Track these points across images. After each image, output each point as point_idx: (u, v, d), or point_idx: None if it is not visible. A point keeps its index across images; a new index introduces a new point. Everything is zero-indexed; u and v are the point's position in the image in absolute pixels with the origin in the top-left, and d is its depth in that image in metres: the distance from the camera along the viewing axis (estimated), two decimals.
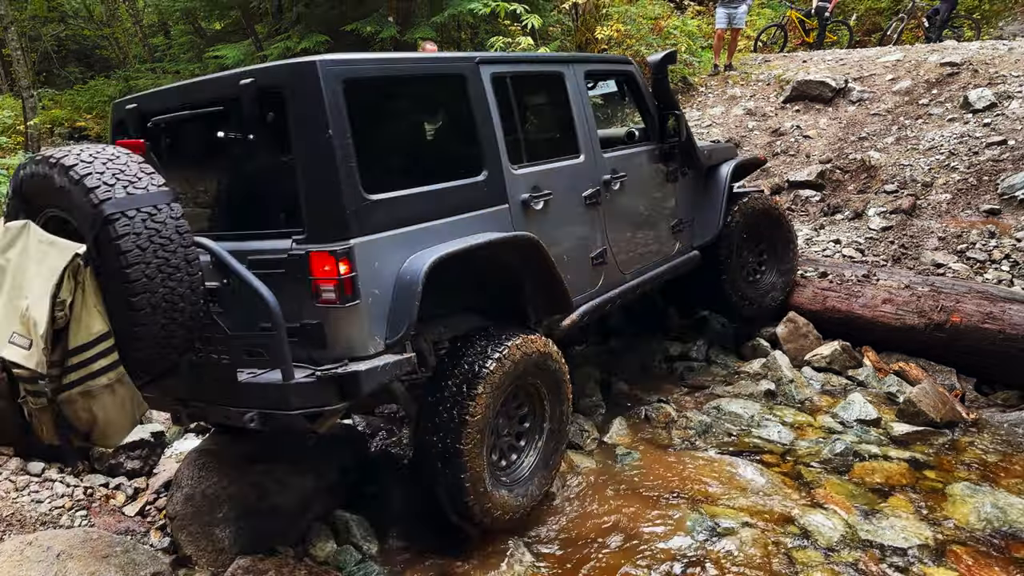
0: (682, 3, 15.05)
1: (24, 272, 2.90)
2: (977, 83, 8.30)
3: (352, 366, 3.15)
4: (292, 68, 3.23)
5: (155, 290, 2.86)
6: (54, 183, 2.89)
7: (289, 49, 11.55)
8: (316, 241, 3.15)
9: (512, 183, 3.99)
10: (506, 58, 4.30)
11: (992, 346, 5.10)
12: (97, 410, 2.91)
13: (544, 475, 4.02)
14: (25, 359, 2.80)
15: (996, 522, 3.94)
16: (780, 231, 6.00)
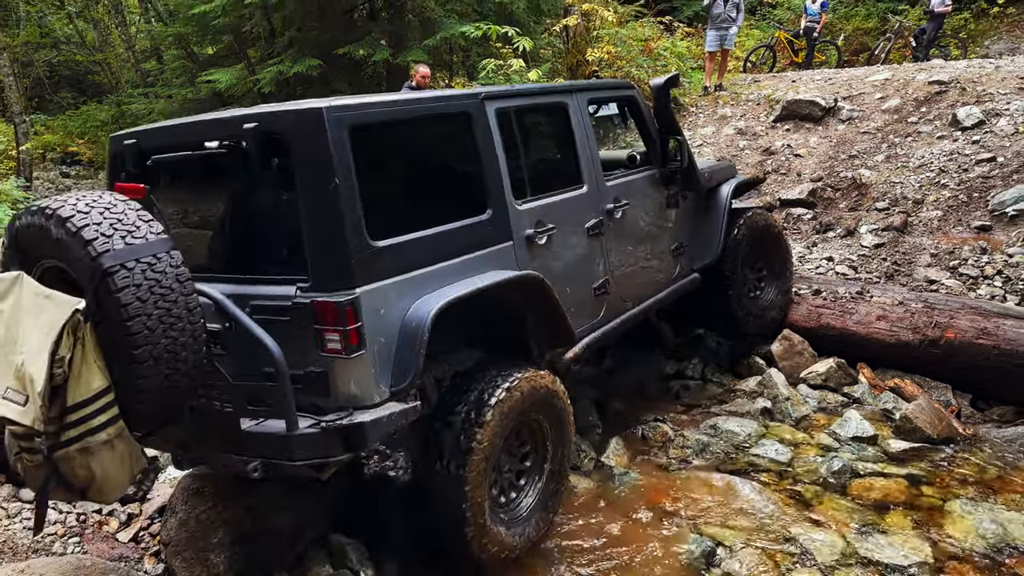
0: (671, 25, 15.21)
1: (18, 325, 2.81)
2: (965, 101, 8.39)
3: (357, 416, 3.07)
4: (298, 115, 3.17)
5: (157, 341, 2.78)
6: (51, 235, 2.80)
7: (282, 73, 11.61)
8: (321, 290, 3.09)
9: (516, 219, 3.92)
10: (510, 92, 4.18)
11: (987, 362, 5.11)
12: (95, 466, 2.82)
13: (542, 517, 3.94)
14: (21, 416, 2.72)
15: (995, 538, 3.94)
16: (779, 248, 6.02)
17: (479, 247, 3.70)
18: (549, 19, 12.97)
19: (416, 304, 3.31)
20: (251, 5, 11.56)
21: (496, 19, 11.62)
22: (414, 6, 12.27)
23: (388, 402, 3.20)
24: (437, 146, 3.87)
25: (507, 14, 12.13)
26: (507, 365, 3.72)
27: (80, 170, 19.87)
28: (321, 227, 3.11)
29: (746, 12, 18.83)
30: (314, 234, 3.12)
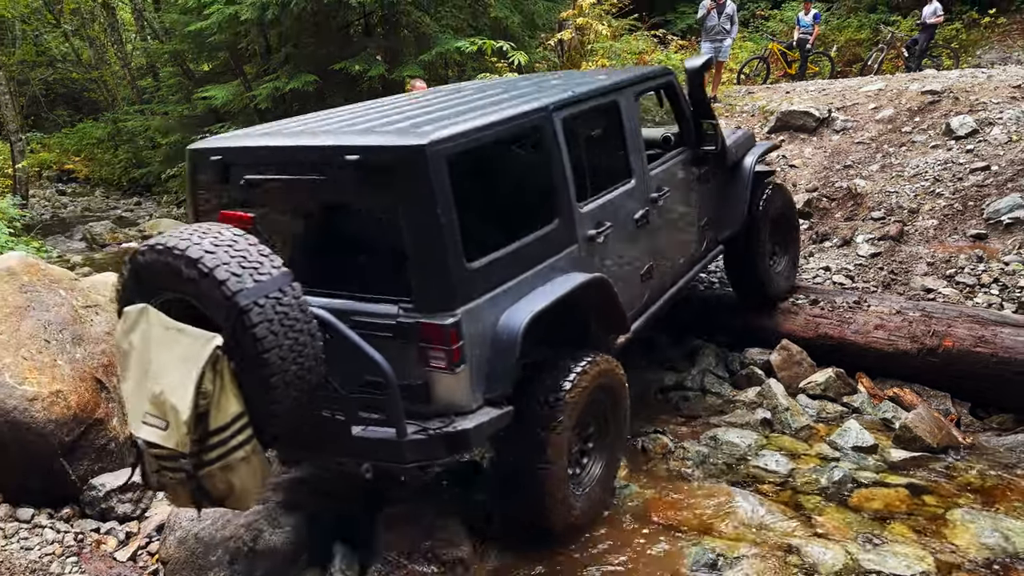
0: (665, 38, 15.30)
1: (150, 356, 3.06)
2: (958, 110, 8.43)
3: (459, 424, 3.37)
4: (401, 151, 3.32)
5: (287, 368, 3.04)
6: (181, 274, 2.99)
7: (278, 89, 11.65)
8: (424, 311, 3.33)
9: (580, 222, 4.09)
10: (572, 99, 4.23)
11: (985, 370, 5.11)
12: (235, 480, 3.11)
13: (602, 491, 4.23)
14: (164, 439, 3.01)
15: (997, 547, 3.93)
16: (792, 220, 6.37)
17: (551, 254, 3.90)
18: (544, 33, 13.05)
19: (505, 316, 3.56)
20: (247, 22, 11.61)
21: (491, 34, 11.69)
22: (409, 21, 12.33)
23: (483, 408, 3.49)
24: (514, 162, 4.03)
25: (502, 29, 12.20)
26: (577, 354, 3.95)
27: (76, 187, 19.91)
28: (424, 253, 3.33)
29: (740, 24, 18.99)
30: (417, 259, 3.33)
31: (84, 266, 10.88)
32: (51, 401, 4.28)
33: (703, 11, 12.12)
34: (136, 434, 3.12)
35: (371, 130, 3.59)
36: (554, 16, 12.82)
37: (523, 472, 3.74)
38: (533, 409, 3.71)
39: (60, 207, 17.13)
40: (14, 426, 4.16)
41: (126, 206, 16.98)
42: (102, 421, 4.54)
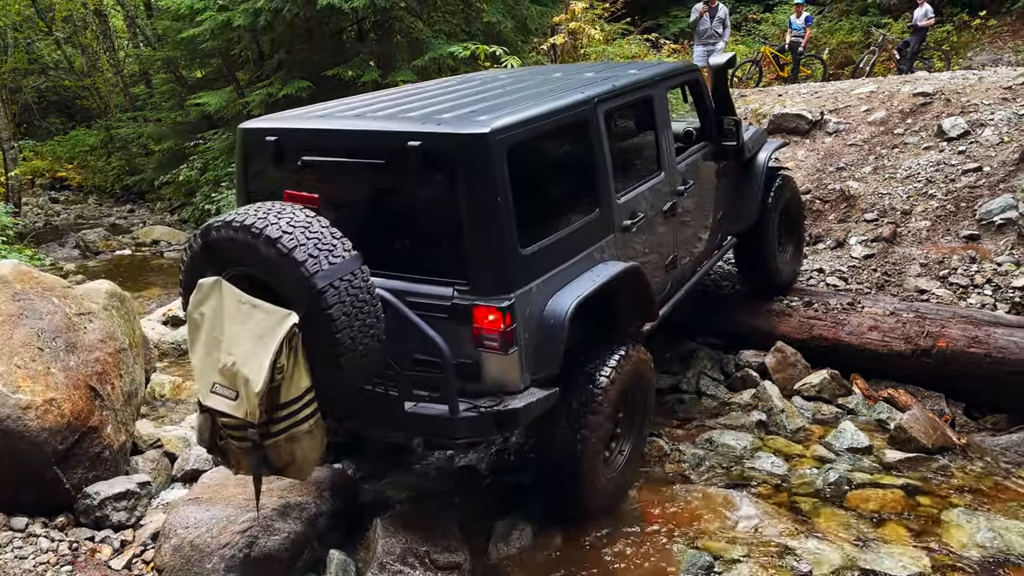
0: (658, 41, 15.34)
1: (221, 328, 3.20)
2: (950, 112, 8.46)
3: (509, 403, 3.51)
4: (463, 139, 3.42)
5: (356, 348, 3.21)
6: (258, 252, 3.14)
7: (271, 95, 11.64)
8: (480, 294, 3.46)
9: (617, 213, 4.24)
10: (613, 92, 4.35)
11: (979, 370, 5.13)
12: (297, 451, 3.29)
13: (629, 474, 4.38)
14: (232, 409, 3.18)
15: (992, 547, 3.94)
16: (799, 213, 6.59)
17: (591, 243, 4.04)
18: (536, 38, 13.07)
19: (551, 302, 3.70)
20: (239, 29, 11.61)
21: (484, 39, 11.70)
22: (402, 27, 12.34)
23: (530, 388, 3.62)
24: (562, 153, 4.15)
25: (495, 34, 12.21)
26: (615, 344, 4.11)
27: (69, 195, 19.84)
28: (483, 239, 3.46)
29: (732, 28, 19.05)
30: (475, 244, 3.46)
31: (77, 274, 10.85)
32: (44, 409, 4.26)
33: (695, 15, 12.18)
34: (204, 402, 3.29)
35: (429, 117, 3.68)
36: (547, 21, 12.85)
37: (563, 453, 3.87)
38: (576, 392, 3.85)
39: (53, 215, 17.07)
40: (7, 435, 4.14)
41: (119, 213, 16.93)
42: (96, 429, 4.52)
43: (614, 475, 4.23)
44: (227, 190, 11.85)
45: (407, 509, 4.43)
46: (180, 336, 7.52)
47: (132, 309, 5.71)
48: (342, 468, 4.81)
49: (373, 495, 4.66)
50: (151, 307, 9.08)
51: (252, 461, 3.32)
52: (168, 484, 4.95)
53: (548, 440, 3.94)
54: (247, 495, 4.15)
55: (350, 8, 10.78)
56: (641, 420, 4.46)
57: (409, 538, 3.96)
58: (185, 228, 14.20)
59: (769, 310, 6.17)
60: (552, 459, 3.96)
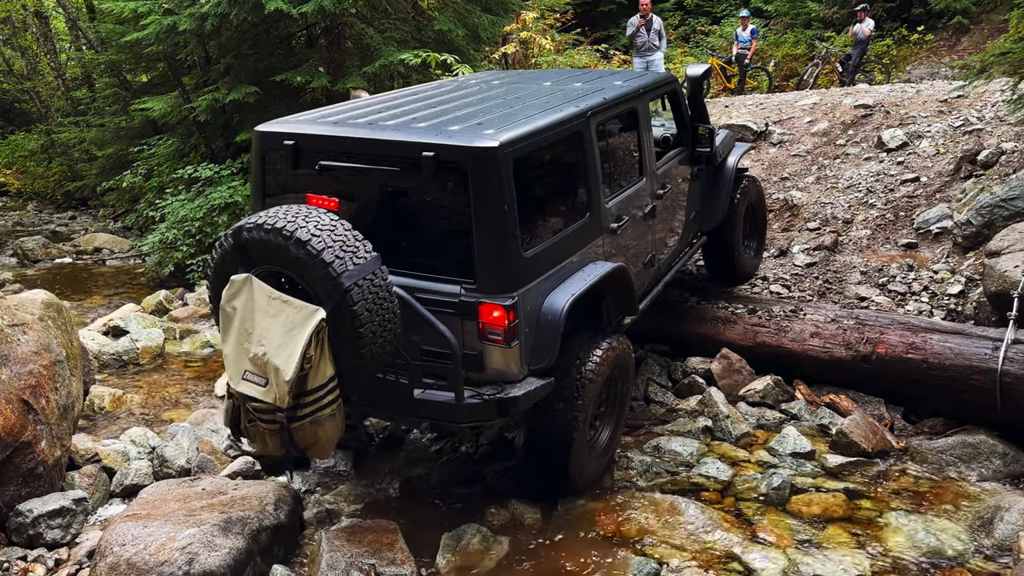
0: (608, 52, 15.50)
1: (252, 321, 3.53)
2: (889, 124, 8.70)
3: (510, 391, 3.83)
4: (474, 151, 3.72)
5: (375, 341, 3.54)
6: (289, 253, 3.44)
7: (218, 100, 11.43)
8: (486, 292, 3.77)
9: (605, 217, 4.55)
10: (605, 104, 4.65)
11: (917, 375, 5.25)
12: (320, 432, 3.64)
13: (610, 450, 4.74)
14: (263, 395, 3.52)
15: (929, 548, 4.04)
16: (762, 212, 7.04)
17: (582, 245, 4.37)
18: (488, 47, 13.09)
19: (548, 299, 4.03)
20: (185, 33, 11.38)
21: (436, 46, 11.66)
22: (352, 33, 12.24)
23: (528, 377, 3.94)
24: (559, 162, 4.48)
25: (447, 41, 12.19)
26: (599, 335, 4.43)
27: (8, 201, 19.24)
28: (490, 242, 3.76)
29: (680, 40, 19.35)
30: (482, 247, 3.76)
31: (15, 282, 10.50)
32: None
33: (632, 28, 12.44)
34: (235, 388, 3.64)
35: (440, 128, 3.96)
36: (498, 30, 12.87)
37: (555, 432, 4.19)
38: (567, 378, 4.16)
39: None
40: None
41: (60, 220, 16.44)
42: (29, 444, 4.37)
43: (597, 454, 4.58)
44: (171, 196, 11.60)
45: (353, 522, 4.37)
46: (121, 347, 7.33)
47: (70, 320, 5.54)
48: (286, 481, 4.73)
49: (318, 508, 4.59)
50: (91, 317, 8.83)
51: (279, 441, 3.65)
52: (106, 500, 4.81)
53: (541, 421, 4.23)
54: (187, 510, 4.07)
55: (299, 14, 10.65)
56: (621, 405, 4.78)
57: (354, 552, 3.92)
58: (129, 236, 13.85)
59: (715, 317, 6.26)
60: (544, 438, 4.26)
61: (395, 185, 4.01)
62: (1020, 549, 3.77)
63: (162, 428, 5.78)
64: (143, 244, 11.70)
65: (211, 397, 6.56)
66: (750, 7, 17.72)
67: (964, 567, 3.91)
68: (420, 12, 12.81)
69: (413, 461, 5.13)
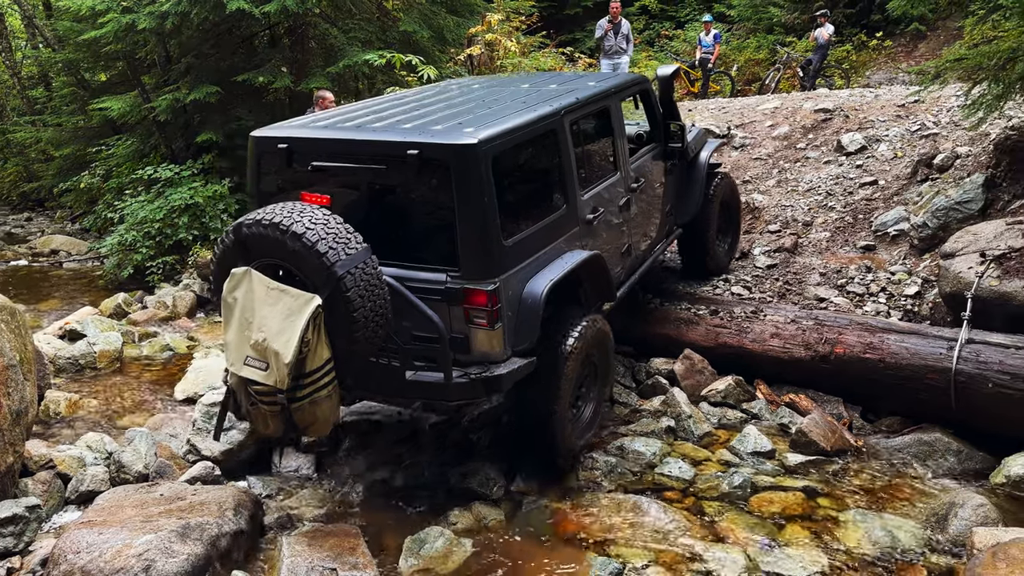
0: (573, 55, 15.56)
1: (253, 310, 3.78)
2: (848, 128, 8.85)
3: (495, 370, 4.11)
4: (455, 148, 3.98)
5: (368, 325, 3.79)
6: (286, 246, 3.72)
7: (178, 100, 11.27)
8: (470, 279, 4.04)
9: (581, 208, 4.83)
10: (577, 104, 4.92)
11: (874, 375, 5.34)
12: (319, 412, 3.88)
13: (593, 426, 5.02)
14: (263, 378, 3.77)
15: (885, 545, 4.11)
16: (736, 205, 7.29)
17: (560, 234, 4.64)
18: (453, 48, 13.07)
19: (528, 285, 4.30)
20: (145, 31, 11.20)
21: (400, 47, 11.62)
22: (316, 34, 12.14)
23: (512, 358, 4.22)
24: (536, 158, 4.76)
25: (412, 43, 12.15)
26: (577, 315, 4.67)
27: None
28: (473, 232, 4.02)
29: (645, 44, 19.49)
30: (466, 237, 4.03)
31: None
32: None
33: (600, 31, 12.56)
34: (237, 373, 3.88)
35: (423, 128, 4.23)
36: (464, 31, 12.86)
37: (540, 405, 4.45)
38: (546, 359, 4.41)
39: None
40: None
41: (16, 222, 16.07)
42: None
43: (581, 427, 4.87)
44: (131, 198, 11.40)
45: (314, 526, 4.34)
46: (78, 351, 7.19)
47: (24, 323, 5.41)
48: (246, 486, 4.67)
49: (279, 513, 4.54)
50: (48, 321, 8.65)
51: (280, 422, 3.90)
52: (61, 507, 4.71)
53: (527, 397, 4.49)
54: (145, 516, 4.01)
55: (261, 13, 10.54)
56: (603, 381, 5.07)
57: (315, 556, 3.88)
58: (86, 237, 13.58)
59: (678, 318, 6.32)
60: (530, 413, 4.53)
61: (383, 182, 4.30)
62: (973, 544, 3.85)
63: (119, 433, 5.68)
64: (101, 246, 11.49)
65: (171, 401, 6.46)
66: (713, 12, 17.91)
67: (919, 563, 3.98)
68: (385, 13, 12.75)
69: (376, 465, 5.09)
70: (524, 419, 4.64)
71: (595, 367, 4.93)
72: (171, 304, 9.39)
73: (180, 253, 10.89)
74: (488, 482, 4.77)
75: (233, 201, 11.44)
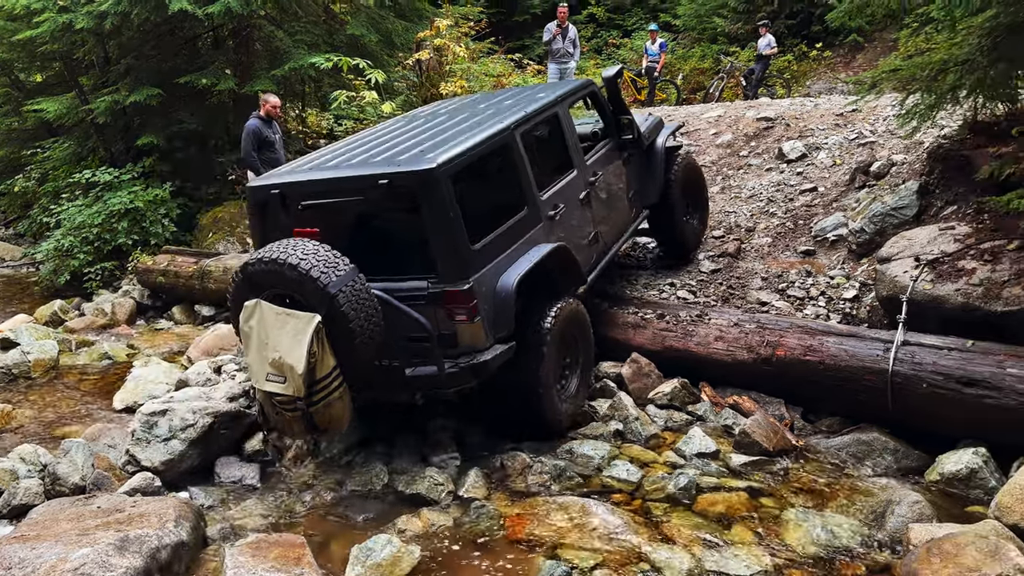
0: (522, 62, 15.64)
1: (268, 333, 4.40)
2: (790, 136, 9.07)
3: (480, 357, 4.66)
4: (418, 174, 4.56)
5: (364, 333, 4.39)
6: (286, 276, 4.34)
7: (117, 103, 11.02)
8: (447, 282, 4.60)
9: (542, 207, 5.38)
10: (526, 117, 5.48)
11: (814, 376, 5.46)
12: (334, 412, 4.50)
13: (579, 398, 5.52)
14: (283, 389, 4.39)
15: (826, 543, 4.19)
16: (700, 184, 7.70)
17: (525, 232, 5.17)
18: (402, 52, 13.03)
19: (501, 280, 4.84)
20: (83, 31, 10.92)
21: (348, 51, 11.54)
22: (261, 36, 11.99)
23: (494, 345, 4.76)
24: (492, 169, 5.33)
25: (359, 46, 12.08)
26: (552, 299, 5.20)
27: None
28: (443, 242, 4.61)
29: (593, 52, 19.69)
30: (438, 247, 4.62)
31: None
32: None
33: (548, 35, 12.72)
34: (261, 388, 4.50)
35: (391, 159, 4.80)
36: (412, 36, 12.83)
37: (526, 382, 4.96)
38: (528, 341, 4.95)
39: None
40: None
41: None
42: None
43: (568, 398, 5.37)
44: (68, 202, 11.08)
45: (258, 537, 4.25)
46: (11, 360, 6.97)
47: None
48: (188, 496, 4.57)
49: (222, 524, 4.45)
50: None
51: (303, 425, 4.53)
52: None
53: (514, 377, 4.94)
54: (81, 530, 3.89)
55: (205, 15, 10.37)
56: (585, 357, 5.57)
57: (259, 567, 3.81)
58: (21, 243, 13.17)
59: (626, 322, 6.38)
60: (518, 390, 5.01)
61: (363, 210, 4.96)
62: (909, 540, 3.96)
63: (55, 445, 5.49)
64: (37, 252, 11.17)
65: (109, 411, 6.28)
66: (659, 22, 18.21)
67: (859, 560, 4.08)
68: (332, 16, 12.66)
69: (324, 472, 5.04)
70: (515, 397, 5.08)
71: (576, 343, 5.43)
72: (110, 311, 9.16)
73: (120, 259, 10.64)
74: (436, 487, 4.75)
75: (175, 205, 11.22)
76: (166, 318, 9.50)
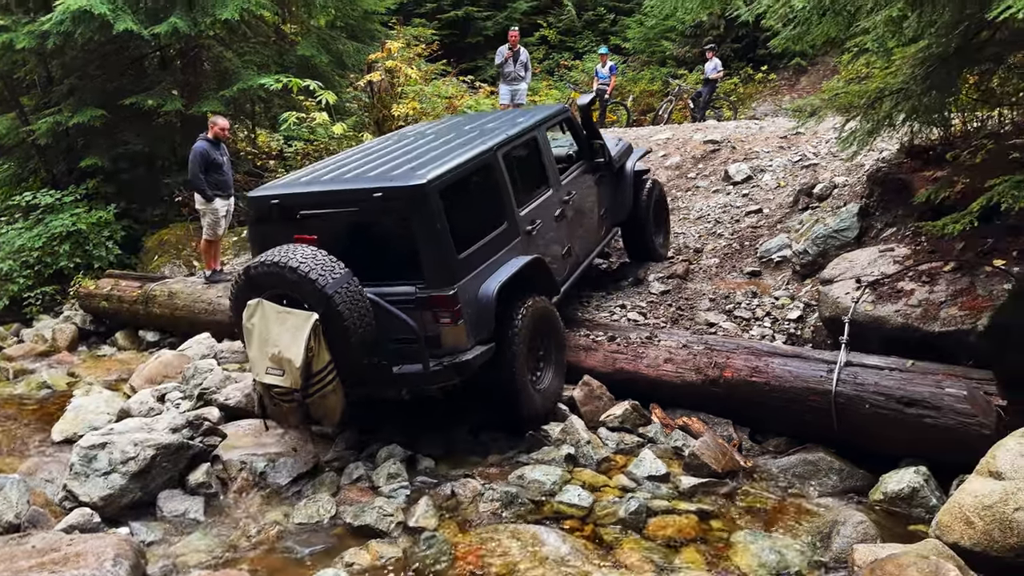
0: (474, 84, 15.71)
1: (268, 330, 4.79)
2: (735, 158, 9.25)
3: (463, 357, 5.07)
4: (409, 189, 4.99)
5: (358, 331, 4.77)
6: (286, 278, 4.74)
7: (60, 123, 10.77)
8: (434, 287, 5.02)
9: (520, 222, 5.85)
10: (507, 140, 5.96)
11: (761, 397, 5.52)
12: (328, 404, 4.90)
13: (555, 391, 5.92)
14: (281, 381, 4.79)
15: (775, 565, 4.22)
16: (665, 207, 8.35)
17: (504, 245, 5.63)
18: (353, 74, 12.98)
19: (483, 287, 5.29)
20: (24, 51, 10.66)
21: (298, 72, 11.47)
22: (210, 56, 11.85)
23: (476, 346, 5.19)
24: (476, 187, 5.63)
25: (310, 67, 12.01)
26: (526, 299, 5.58)
27: None
28: (431, 251, 5.04)
29: (545, 73, 19.86)
30: (426, 255, 5.04)
31: None
32: None
33: (500, 58, 12.87)
34: (261, 380, 4.90)
35: (384, 175, 5.23)
36: (364, 57, 12.80)
37: (503, 376, 5.38)
38: (502, 338, 5.36)
39: None
40: None
41: None
42: None
43: (542, 390, 5.77)
44: (7, 225, 10.78)
45: (201, 574, 4.15)
46: None
47: None
48: (128, 532, 4.44)
49: (164, 561, 4.32)
50: None
51: (299, 415, 4.95)
52: None
53: (493, 374, 5.35)
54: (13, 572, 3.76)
55: (151, 35, 10.22)
56: (557, 351, 5.99)
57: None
58: None
59: (577, 345, 6.40)
60: (497, 385, 5.43)
61: (358, 220, 5.30)
62: (854, 561, 4.02)
63: None
64: None
65: (47, 444, 6.08)
66: (609, 44, 18.46)
67: None
68: (282, 37, 12.58)
69: (269, 505, 4.94)
70: (493, 391, 5.51)
71: (547, 338, 5.86)
72: (50, 337, 8.90)
73: (61, 283, 10.37)
74: (385, 518, 4.68)
75: (119, 227, 10.99)
76: (109, 344, 9.26)
